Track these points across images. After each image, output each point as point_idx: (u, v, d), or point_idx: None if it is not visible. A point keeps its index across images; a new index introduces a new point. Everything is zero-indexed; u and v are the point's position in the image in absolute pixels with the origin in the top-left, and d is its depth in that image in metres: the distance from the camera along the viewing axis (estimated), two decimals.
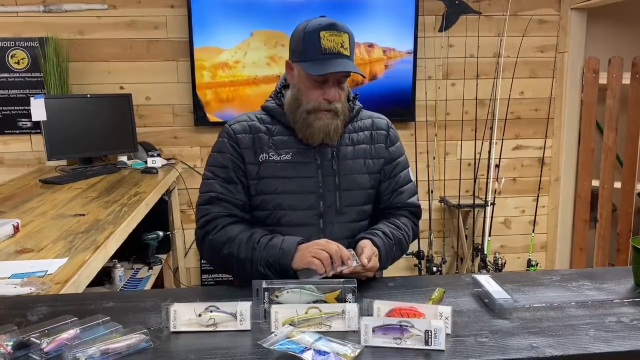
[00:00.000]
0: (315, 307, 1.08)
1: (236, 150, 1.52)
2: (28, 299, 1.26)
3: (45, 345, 0.95)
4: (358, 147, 1.57)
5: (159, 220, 3.03)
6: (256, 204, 1.52)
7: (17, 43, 3.17)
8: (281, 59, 3.26)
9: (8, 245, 1.66)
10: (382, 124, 1.64)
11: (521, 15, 3.47)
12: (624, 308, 1.16)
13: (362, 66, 3.36)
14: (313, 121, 1.47)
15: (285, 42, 3.25)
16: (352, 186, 1.53)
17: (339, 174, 1.52)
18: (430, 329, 0.98)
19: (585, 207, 3.52)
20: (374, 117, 1.65)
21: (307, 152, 1.52)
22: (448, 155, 3.59)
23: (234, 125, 1.56)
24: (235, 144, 1.52)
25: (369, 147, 1.58)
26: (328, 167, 1.52)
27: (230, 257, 1.43)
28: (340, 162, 1.53)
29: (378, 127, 1.62)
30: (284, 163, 1.50)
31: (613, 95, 3.29)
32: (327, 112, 1.47)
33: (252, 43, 3.27)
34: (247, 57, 3.27)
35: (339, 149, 1.54)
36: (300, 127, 1.49)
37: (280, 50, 3.28)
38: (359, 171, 1.55)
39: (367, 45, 3.35)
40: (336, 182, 1.51)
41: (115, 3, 3.21)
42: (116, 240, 1.81)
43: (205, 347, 1.00)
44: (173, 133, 3.38)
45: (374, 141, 1.60)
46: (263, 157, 1.51)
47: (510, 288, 1.27)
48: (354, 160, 1.55)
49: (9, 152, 3.28)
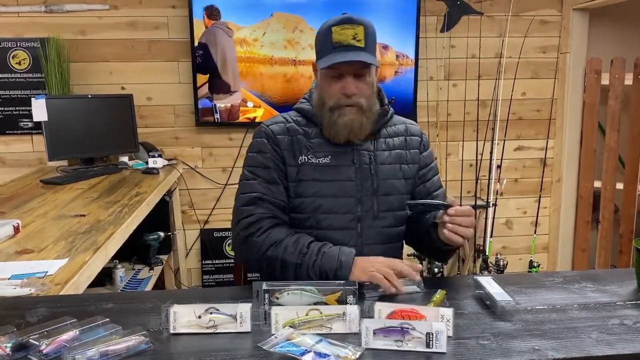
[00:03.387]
0: (316, 309, 1.07)
1: (276, 151, 1.51)
2: (28, 300, 1.25)
3: (45, 346, 0.94)
4: (394, 152, 1.56)
5: (160, 220, 3.02)
6: (295, 206, 1.50)
7: (19, 43, 3.17)
8: (298, 44, 3.26)
9: (8, 246, 1.66)
10: (416, 130, 1.65)
11: (523, 16, 3.47)
12: (627, 310, 1.16)
13: None
14: (337, 118, 1.46)
15: (304, 28, 3.26)
16: (390, 191, 1.52)
17: (377, 178, 1.51)
18: (432, 331, 0.97)
19: (587, 208, 3.51)
20: (407, 123, 1.65)
21: (345, 155, 1.51)
22: (450, 156, 3.58)
23: (272, 126, 1.54)
24: (275, 145, 1.51)
25: (404, 152, 1.58)
26: (366, 171, 1.51)
27: (274, 260, 1.41)
28: (377, 167, 1.52)
29: (412, 133, 1.62)
30: (323, 166, 1.49)
31: (615, 96, 3.28)
32: (350, 108, 1.45)
33: (272, 24, 3.26)
34: (266, 37, 3.27)
35: (376, 153, 1.53)
36: (327, 125, 1.49)
37: (298, 35, 3.26)
38: (396, 176, 1.54)
39: (382, 46, 3.34)
40: (374, 186, 1.51)
41: (116, 3, 3.21)
42: (117, 241, 1.81)
43: (205, 349, 1.00)
44: (174, 133, 3.38)
45: (408, 147, 1.59)
46: (302, 159, 1.50)
47: (512, 290, 1.26)
48: (390, 165, 1.54)
49: (10, 152, 3.28)
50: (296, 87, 3.31)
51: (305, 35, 3.26)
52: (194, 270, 3.55)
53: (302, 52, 3.28)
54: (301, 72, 3.31)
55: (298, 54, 3.28)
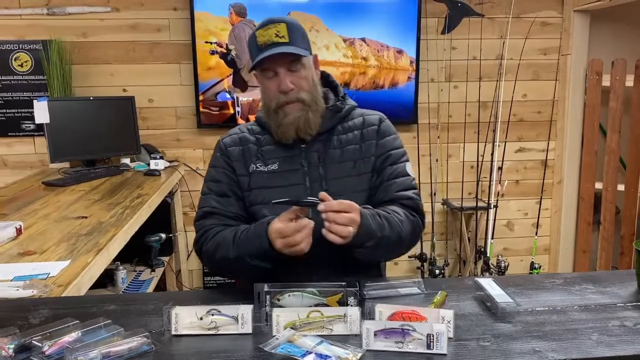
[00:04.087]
0: (317, 310, 1.08)
1: (228, 163, 1.53)
2: (30, 302, 1.26)
3: (47, 348, 0.95)
4: (347, 148, 1.51)
5: (162, 222, 3.03)
6: (251, 215, 1.51)
7: (21, 46, 3.18)
8: (314, 44, 3.25)
9: (11, 248, 1.67)
10: (373, 119, 1.57)
11: (524, 18, 3.47)
12: (628, 312, 1.16)
13: (387, 71, 3.36)
14: (282, 119, 1.45)
15: (320, 29, 3.27)
16: (342, 191, 1.45)
17: (325, 179, 1.48)
18: (432, 332, 0.98)
19: (589, 210, 3.51)
20: (365, 114, 1.59)
21: (294, 159, 1.50)
22: (451, 157, 3.58)
23: (225, 139, 1.58)
24: (226, 157, 1.53)
25: (358, 146, 1.52)
26: (315, 173, 1.49)
27: (224, 260, 1.41)
28: (327, 167, 1.49)
29: (369, 124, 1.56)
30: (271, 173, 1.49)
31: (616, 98, 3.28)
32: (292, 105, 1.44)
33: None
34: None
35: (326, 153, 1.50)
36: (275, 128, 1.48)
37: (314, 35, 3.26)
38: (348, 174, 1.50)
39: (396, 51, 3.35)
40: (324, 187, 1.46)
41: (118, 6, 3.22)
42: (119, 242, 1.82)
43: (206, 350, 1.00)
44: (176, 135, 3.38)
45: (364, 139, 1.53)
46: (252, 168, 1.51)
47: (513, 291, 1.26)
48: (341, 163, 1.50)
49: (12, 154, 3.29)
50: None
51: (322, 35, 3.28)
52: (195, 272, 3.56)
53: (319, 52, 3.28)
54: None
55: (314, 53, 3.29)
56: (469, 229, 3.53)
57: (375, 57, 3.35)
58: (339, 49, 3.33)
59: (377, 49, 3.34)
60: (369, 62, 3.36)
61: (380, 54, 3.35)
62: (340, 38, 3.32)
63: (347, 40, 3.32)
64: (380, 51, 3.35)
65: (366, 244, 1.32)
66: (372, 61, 3.36)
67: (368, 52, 3.34)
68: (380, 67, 3.36)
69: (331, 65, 3.32)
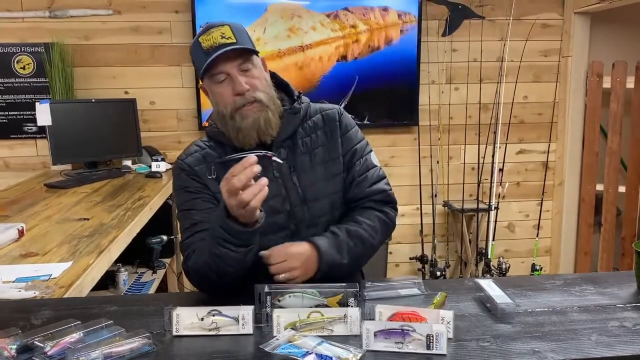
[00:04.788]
0: (317, 311, 1.08)
1: (198, 182, 1.42)
2: (32, 303, 1.27)
3: (49, 348, 0.95)
4: (315, 152, 1.45)
5: (163, 224, 3.03)
6: None
7: (23, 48, 3.20)
8: (300, 29, 3.29)
9: (13, 249, 1.67)
10: (332, 114, 1.51)
11: (524, 20, 3.48)
12: (627, 313, 1.16)
13: (377, 31, 3.35)
14: (241, 123, 1.35)
15: (301, 13, 3.28)
16: (318, 195, 1.42)
17: (300, 186, 1.41)
18: (432, 333, 0.98)
19: (590, 212, 3.51)
20: (323, 110, 1.51)
21: (265, 172, 1.32)
22: (452, 159, 3.59)
23: (187, 159, 1.45)
24: (195, 177, 1.42)
25: (325, 148, 1.46)
26: (289, 183, 1.41)
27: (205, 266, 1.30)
28: (299, 174, 1.42)
29: (330, 120, 1.49)
30: None
31: (617, 99, 3.28)
32: (249, 106, 1.35)
33: (270, 18, 3.27)
34: (267, 33, 3.28)
35: (295, 160, 1.43)
36: (233, 134, 1.38)
37: (297, 21, 3.29)
38: (321, 178, 1.44)
39: (381, 9, 3.35)
40: (301, 195, 1.41)
41: (120, 8, 3.23)
42: (120, 244, 1.82)
43: (207, 350, 1.01)
44: (177, 137, 3.39)
45: (329, 138, 1.48)
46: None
47: (513, 292, 1.26)
48: (313, 168, 1.44)
49: (14, 156, 3.30)
50: (309, 72, 3.35)
51: (305, 19, 3.29)
52: None
53: (306, 35, 3.30)
54: (310, 55, 3.34)
55: (303, 39, 3.31)
56: (470, 231, 3.54)
57: (362, 21, 3.35)
58: (325, 26, 3.32)
59: (362, 14, 3.34)
60: (359, 29, 3.35)
61: (367, 17, 3.35)
62: (323, 15, 3.32)
63: (330, 15, 3.32)
64: (366, 14, 3.34)
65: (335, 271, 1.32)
66: (360, 26, 3.35)
67: (354, 19, 3.34)
68: (370, 29, 3.36)
69: (323, 44, 3.33)
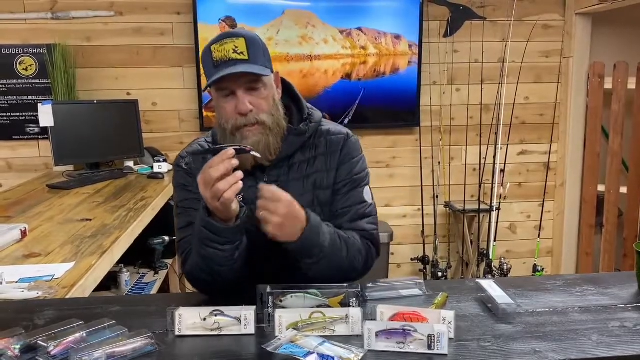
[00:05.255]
0: (319, 311, 1.09)
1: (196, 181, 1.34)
2: (35, 303, 1.28)
3: (52, 348, 0.96)
4: (308, 179, 1.38)
5: (165, 225, 3.02)
6: None
7: (26, 50, 3.21)
8: (312, 39, 3.32)
9: (16, 250, 1.68)
10: (336, 141, 1.42)
11: (526, 21, 3.48)
12: (628, 313, 1.16)
13: (386, 57, 3.38)
14: (239, 142, 1.27)
15: (316, 24, 3.31)
16: None
17: None
18: (433, 333, 0.98)
19: (591, 212, 3.51)
20: (329, 135, 1.43)
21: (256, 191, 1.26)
22: (453, 160, 3.59)
23: (187, 158, 1.44)
24: (193, 175, 1.34)
25: (320, 175, 1.40)
26: None
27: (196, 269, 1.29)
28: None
29: (332, 149, 1.42)
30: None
31: (618, 100, 3.28)
32: (251, 128, 1.29)
33: (285, 22, 3.30)
34: (280, 35, 3.30)
35: (288, 183, 1.36)
36: None
37: (311, 31, 3.31)
38: (308, 204, 1.33)
39: (393, 37, 3.36)
40: None
41: (122, 10, 3.24)
42: (123, 245, 1.83)
43: (210, 350, 1.01)
44: (179, 138, 3.40)
45: (326, 166, 1.41)
46: None
47: (514, 293, 1.27)
48: (302, 195, 1.34)
49: (16, 157, 3.31)
50: (312, 82, 3.36)
51: (318, 31, 3.31)
52: None
53: (317, 47, 3.32)
54: (317, 66, 3.36)
55: (313, 49, 3.33)
56: (471, 232, 3.54)
57: (374, 44, 3.37)
58: (337, 41, 3.35)
59: (374, 37, 3.36)
60: (368, 51, 3.37)
61: (378, 41, 3.37)
62: (337, 30, 3.34)
63: (343, 32, 3.34)
64: (378, 38, 3.37)
65: (313, 251, 1.26)
66: (371, 49, 3.37)
67: (366, 41, 3.36)
68: (379, 54, 3.38)
69: (331, 59, 3.35)
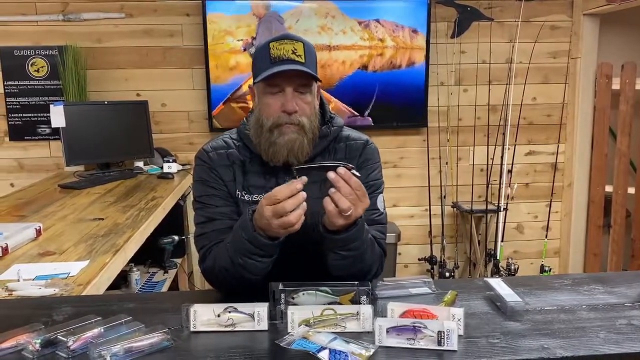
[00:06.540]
0: (331, 308, 1.11)
1: (219, 177, 1.42)
2: (53, 300, 1.30)
3: (72, 343, 0.98)
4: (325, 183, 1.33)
5: (175, 224, 3.06)
6: None
7: (37, 51, 3.25)
8: (331, 29, 3.35)
9: (31, 248, 1.71)
10: (356, 147, 1.46)
11: (533, 22, 3.49)
12: (635, 311, 1.17)
13: (403, 50, 3.41)
14: (277, 138, 1.33)
15: (335, 14, 3.35)
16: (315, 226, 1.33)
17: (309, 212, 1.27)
18: (443, 330, 1.00)
19: (599, 213, 3.51)
20: (350, 140, 1.47)
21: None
22: (460, 160, 3.60)
23: (212, 154, 1.45)
24: (217, 176, 1.42)
25: None
26: None
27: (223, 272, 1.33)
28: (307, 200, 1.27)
29: (351, 152, 1.46)
30: (255, 203, 1.31)
31: (626, 101, 3.29)
32: (290, 126, 1.34)
33: (305, 11, 3.34)
34: (299, 24, 3.33)
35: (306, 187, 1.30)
36: (265, 148, 1.37)
37: (330, 21, 3.35)
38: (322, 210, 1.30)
39: (411, 30, 3.39)
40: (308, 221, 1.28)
41: (132, 12, 3.28)
42: (135, 243, 1.86)
43: (224, 346, 1.03)
44: (188, 139, 3.43)
45: None
46: (237, 194, 1.41)
47: (522, 291, 1.28)
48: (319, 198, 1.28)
49: (28, 157, 3.35)
50: (329, 73, 3.38)
51: (338, 21, 3.35)
52: None
53: (335, 37, 3.36)
54: (335, 57, 3.39)
55: (332, 39, 3.36)
56: (479, 232, 3.55)
57: (391, 37, 3.39)
58: (355, 33, 3.37)
59: (392, 29, 3.39)
60: (386, 43, 3.40)
61: (396, 34, 3.39)
62: (355, 21, 3.36)
63: (362, 23, 3.37)
64: (396, 31, 3.39)
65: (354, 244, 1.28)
66: (388, 42, 3.40)
67: (384, 33, 3.39)
68: (396, 47, 3.41)
69: (349, 49, 3.38)
